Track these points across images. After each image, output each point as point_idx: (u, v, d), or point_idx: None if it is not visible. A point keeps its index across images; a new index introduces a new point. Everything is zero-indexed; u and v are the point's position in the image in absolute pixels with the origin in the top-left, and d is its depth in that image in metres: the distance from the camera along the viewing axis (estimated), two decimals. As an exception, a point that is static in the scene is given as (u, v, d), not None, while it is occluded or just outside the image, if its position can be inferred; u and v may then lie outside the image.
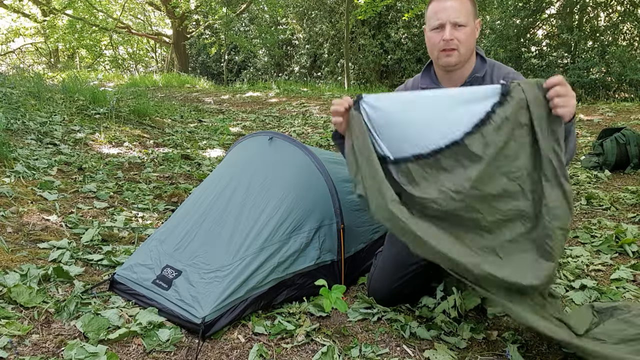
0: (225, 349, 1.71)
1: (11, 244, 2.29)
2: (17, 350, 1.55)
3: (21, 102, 5.19)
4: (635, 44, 10.47)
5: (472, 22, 1.88)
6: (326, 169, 2.22)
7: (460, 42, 1.86)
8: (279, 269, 1.92)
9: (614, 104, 7.82)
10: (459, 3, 1.85)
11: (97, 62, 22.32)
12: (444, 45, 1.86)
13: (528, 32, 11.27)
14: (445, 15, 1.85)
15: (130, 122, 5.64)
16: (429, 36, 1.92)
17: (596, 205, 3.33)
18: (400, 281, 2.00)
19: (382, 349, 1.75)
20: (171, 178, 3.83)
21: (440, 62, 1.93)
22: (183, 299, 1.78)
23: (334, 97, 9.82)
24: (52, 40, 17.67)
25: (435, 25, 1.87)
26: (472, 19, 1.88)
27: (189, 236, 2.00)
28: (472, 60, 1.96)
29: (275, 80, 14.47)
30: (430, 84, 2.00)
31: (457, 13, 1.84)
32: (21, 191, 2.93)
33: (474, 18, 1.89)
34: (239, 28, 18.32)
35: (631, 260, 2.48)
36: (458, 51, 1.87)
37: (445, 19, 1.85)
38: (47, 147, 4.08)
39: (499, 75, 1.97)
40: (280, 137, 2.31)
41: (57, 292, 1.95)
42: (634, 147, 4.07)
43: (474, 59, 1.97)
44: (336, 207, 2.15)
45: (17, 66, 13.79)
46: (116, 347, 1.65)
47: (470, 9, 1.87)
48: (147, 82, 13.71)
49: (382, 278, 2.04)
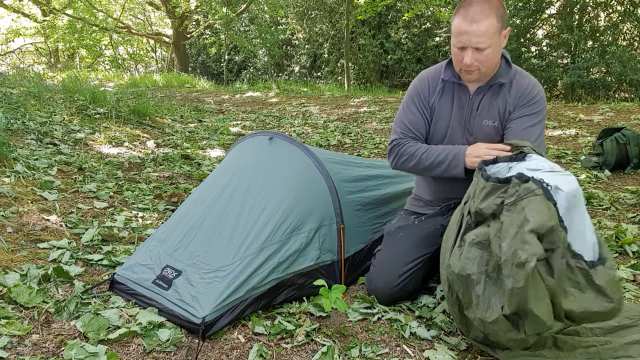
0: (225, 349, 1.71)
1: (11, 244, 2.29)
2: (17, 350, 1.55)
3: (21, 102, 5.19)
4: (635, 44, 10.47)
5: (498, 39, 1.84)
6: (326, 169, 2.22)
7: (482, 62, 1.86)
8: (279, 268, 1.92)
9: (614, 104, 7.82)
10: (484, 27, 1.79)
11: (97, 62, 22.32)
12: (464, 66, 1.88)
13: (528, 32, 11.28)
14: (467, 39, 1.82)
15: (130, 122, 5.64)
16: (453, 50, 1.91)
17: (596, 205, 3.33)
18: (400, 279, 2.01)
19: (382, 349, 1.75)
20: (171, 178, 3.83)
21: (462, 77, 1.97)
22: (183, 299, 1.78)
23: (334, 97, 9.83)
24: (52, 40, 17.69)
25: (458, 45, 1.86)
26: (498, 36, 1.83)
27: (189, 236, 2.00)
28: (498, 64, 1.96)
29: (275, 80, 14.47)
30: (452, 77, 2.01)
31: (480, 38, 1.80)
32: (21, 191, 2.93)
33: (500, 33, 1.84)
34: (239, 28, 18.32)
35: (631, 260, 2.48)
36: (479, 70, 1.89)
37: (467, 44, 1.83)
38: (47, 147, 4.08)
39: (519, 85, 1.97)
40: (280, 137, 2.31)
41: (57, 292, 1.94)
42: (634, 147, 4.07)
43: (499, 63, 1.97)
44: (336, 207, 2.15)
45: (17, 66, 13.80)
46: (116, 347, 1.65)
47: (496, 27, 1.81)
48: (147, 82, 13.71)
49: (382, 277, 2.05)
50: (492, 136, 2.00)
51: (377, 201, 2.42)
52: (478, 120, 2.00)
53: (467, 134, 2.03)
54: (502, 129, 2.00)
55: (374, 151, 5.24)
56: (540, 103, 1.97)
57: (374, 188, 2.45)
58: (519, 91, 1.96)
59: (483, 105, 2.00)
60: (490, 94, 1.99)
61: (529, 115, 1.95)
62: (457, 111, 2.04)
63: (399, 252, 2.08)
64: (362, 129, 6.36)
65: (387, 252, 2.12)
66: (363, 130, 6.30)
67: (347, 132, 6.19)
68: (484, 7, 1.80)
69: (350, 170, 2.40)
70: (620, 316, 1.77)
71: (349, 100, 9.47)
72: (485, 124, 2.00)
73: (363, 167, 2.51)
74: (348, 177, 2.34)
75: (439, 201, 2.18)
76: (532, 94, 1.96)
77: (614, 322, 1.75)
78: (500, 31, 1.84)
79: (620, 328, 1.74)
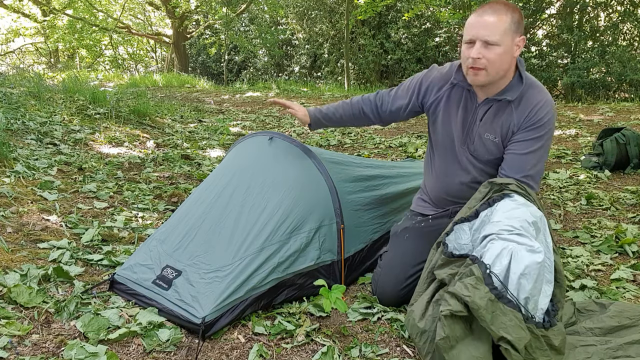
0: (225, 349, 1.71)
1: (11, 244, 2.29)
2: (17, 350, 1.55)
3: (21, 102, 5.19)
4: (635, 44, 10.47)
5: (509, 41, 1.77)
6: (326, 169, 2.22)
7: (489, 61, 1.78)
8: (279, 269, 1.92)
9: (614, 104, 7.82)
10: (496, 19, 1.75)
11: (97, 62, 22.31)
12: (472, 62, 1.80)
13: (528, 32, 11.27)
14: (476, 31, 1.77)
15: (130, 122, 5.64)
16: (462, 48, 1.85)
17: (596, 205, 3.33)
18: (408, 281, 2.01)
19: (382, 349, 1.75)
20: (171, 178, 3.83)
21: (468, 78, 1.88)
22: (183, 299, 1.78)
23: (334, 97, 9.82)
24: (52, 40, 17.67)
25: (467, 39, 1.81)
26: (510, 38, 1.77)
27: (189, 236, 2.00)
28: (508, 76, 1.87)
29: (275, 80, 14.47)
30: (462, 81, 1.96)
31: (490, 31, 1.74)
32: (21, 191, 2.93)
33: (513, 36, 1.77)
34: (239, 28, 18.32)
35: (631, 260, 2.48)
36: (486, 71, 1.80)
37: (476, 36, 1.77)
38: (47, 147, 4.08)
39: (528, 102, 1.87)
40: (280, 137, 2.31)
41: (57, 292, 1.95)
42: (634, 147, 4.07)
43: (511, 74, 1.88)
44: (336, 207, 2.15)
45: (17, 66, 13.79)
46: (116, 347, 1.65)
47: (509, 27, 1.76)
48: (147, 82, 13.70)
49: (389, 279, 2.04)
50: (491, 150, 1.96)
51: (377, 201, 2.42)
52: (480, 131, 1.96)
53: (469, 141, 1.99)
54: (504, 147, 1.93)
55: (374, 151, 5.24)
56: (546, 126, 1.86)
57: (374, 188, 2.44)
58: (526, 110, 1.86)
59: (487, 117, 1.94)
60: (497, 108, 1.92)
61: (531, 140, 1.86)
62: (462, 115, 1.99)
63: (406, 253, 2.08)
64: (362, 129, 6.36)
65: (394, 254, 2.12)
66: (363, 130, 6.30)
67: (347, 132, 6.19)
68: (500, 7, 1.77)
69: (350, 171, 2.40)
70: (620, 316, 1.77)
71: (349, 100, 9.45)
72: (487, 137, 1.95)
73: (363, 167, 2.51)
74: (348, 177, 2.34)
75: (441, 201, 2.18)
76: (540, 116, 1.85)
77: (614, 322, 1.76)
78: (514, 34, 1.77)
79: (620, 328, 1.75)
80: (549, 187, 3.81)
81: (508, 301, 1.47)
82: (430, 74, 2.10)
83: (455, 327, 1.50)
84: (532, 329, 1.47)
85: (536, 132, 1.86)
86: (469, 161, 2.02)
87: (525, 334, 1.44)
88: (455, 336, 1.50)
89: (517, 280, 1.50)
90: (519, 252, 1.52)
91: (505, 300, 1.46)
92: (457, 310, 1.48)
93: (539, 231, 1.62)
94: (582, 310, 1.89)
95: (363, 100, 2.24)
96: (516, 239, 1.55)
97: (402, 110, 2.15)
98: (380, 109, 2.20)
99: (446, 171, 2.11)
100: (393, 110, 2.17)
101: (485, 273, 1.51)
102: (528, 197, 1.72)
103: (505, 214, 1.63)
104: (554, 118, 1.89)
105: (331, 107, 2.29)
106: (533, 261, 1.50)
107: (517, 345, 1.42)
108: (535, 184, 1.87)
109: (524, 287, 1.50)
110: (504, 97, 1.88)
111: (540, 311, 1.54)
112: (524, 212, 1.62)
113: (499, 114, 1.92)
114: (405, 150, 5.13)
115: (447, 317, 1.50)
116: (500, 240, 1.56)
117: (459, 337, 1.51)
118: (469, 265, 1.56)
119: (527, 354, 1.46)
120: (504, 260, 1.52)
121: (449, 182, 2.11)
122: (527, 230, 1.57)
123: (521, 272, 1.49)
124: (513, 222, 1.59)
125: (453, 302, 1.50)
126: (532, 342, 1.47)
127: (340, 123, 2.31)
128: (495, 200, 1.71)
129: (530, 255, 1.51)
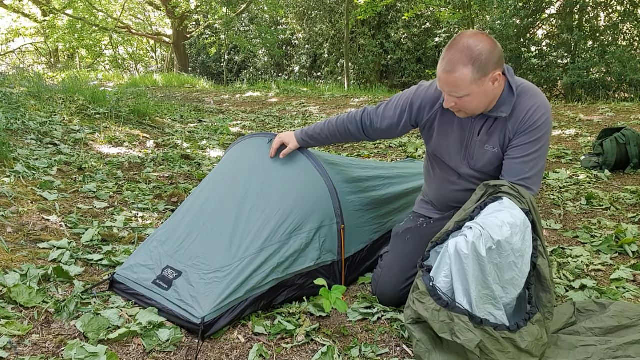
0: (225, 349, 1.71)
1: (11, 244, 2.29)
2: (17, 350, 1.55)
3: (21, 102, 5.19)
4: (635, 44, 10.47)
5: (478, 87, 1.75)
6: (326, 170, 2.22)
7: (465, 105, 1.81)
8: (279, 269, 1.92)
9: (614, 104, 7.81)
10: (456, 77, 1.72)
11: (97, 62, 22.31)
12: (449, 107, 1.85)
13: (528, 32, 11.27)
14: (442, 85, 1.80)
15: (130, 122, 5.64)
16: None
17: (596, 205, 3.33)
18: (408, 282, 2.01)
19: (382, 349, 1.75)
20: (171, 178, 3.83)
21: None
22: (183, 299, 1.78)
23: (334, 97, 9.83)
24: (52, 40, 17.68)
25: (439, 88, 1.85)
26: (478, 85, 1.74)
27: (189, 237, 2.00)
28: (497, 95, 1.85)
29: (275, 80, 14.47)
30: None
31: (453, 87, 1.76)
32: (21, 191, 2.93)
33: (481, 80, 1.74)
34: (239, 28, 18.32)
35: (631, 260, 2.48)
36: (465, 112, 1.85)
37: (443, 89, 1.81)
38: (47, 147, 4.08)
39: (521, 110, 1.85)
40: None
41: (57, 292, 1.95)
42: (634, 147, 4.07)
43: (500, 91, 1.85)
44: (336, 207, 2.15)
45: (17, 66, 13.79)
46: (116, 347, 1.65)
47: (473, 78, 1.72)
48: (147, 82, 13.71)
49: (389, 279, 2.04)
50: (493, 161, 1.96)
51: (377, 202, 2.42)
52: (479, 145, 1.96)
53: (469, 156, 1.99)
54: (503, 155, 1.94)
55: (374, 151, 5.24)
56: (542, 129, 1.85)
57: (373, 189, 2.44)
58: (519, 117, 1.86)
59: (484, 131, 1.94)
60: (492, 121, 1.92)
61: (528, 144, 1.85)
62: (458, 131, 1.99)
63: (406, 254, 2.08)
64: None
65: (395, 255, 2.12)
66: (363, 130, 6.30)
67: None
68: (461, 57, 1.70)
69: (349, 172, 2.40)
70: (620, 316, 1.78)
71: (349, 100, 9.48)
72: (487, 149, 1.95)
73: (362, 169, 2.51)
74: (348, 178, 2.34)
75: (443, 206, 2.19)
76: (533, 120, 1.84)
77: (613, 322, 1.76)
78: (482, 78, 1.73)
79: (620, 328, 1.75)
80: (549, 187, 3.81)
81: (454, 307, 1.54)
82: (420, 92, 2.06)
83: (425, 332, 1.62)
84: (488, 331, 1.51)
85: (532, 135, 1.85)
86: (470, 174, 2.03)
87: (473, 336, 1.49)
88: (427, 340, 1.61)
89: (457, 274, 1.58)
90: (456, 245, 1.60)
91: (451, 307, 1.54)
92: (416, 317, 1.62)
93: (517, 234, 1.60)
94: (582, 310, 1.89)
95: (349, 119, 2.21)
96: (464, 232, 1.61)
97: (394, 127, 2.12)
98: (369, 128, 2.18)
99: (447, 180, 2.12)
100: (384, 128, 2.14)
101: (429, 286, 1.61)
102: (520, 199, 1.72)
103: (488, 216, 1.65)
104: (549, 120, 1.87)
105: (317, 128, 2.26)
106: (505, 235, 1.57)
107: (469, 347, 1.49)
108: (534, 187, 1.87)
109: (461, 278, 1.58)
110: (498, 114, 1.87)
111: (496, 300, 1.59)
112: (504, 214, 1.63)
113: (495, 127, 1.92)
114: (405, 150, 5.13)
115: (412, 324, 1.64)
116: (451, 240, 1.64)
117: (431, 340, 1.61)
118: (420, 277, 1.67)
119: (484, 355, 1.51)
120: (446, 262, 1.62)
121: (450, 189, 2.13)
122: (489, 226, 1.58)
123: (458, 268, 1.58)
124: (484, 220, 1.62)
125: (409, 312, 1.66)
126: (487, 343, 1.50)
127: (327, 142, 2.30)
128: (486, 204, 1.73)
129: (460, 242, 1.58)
